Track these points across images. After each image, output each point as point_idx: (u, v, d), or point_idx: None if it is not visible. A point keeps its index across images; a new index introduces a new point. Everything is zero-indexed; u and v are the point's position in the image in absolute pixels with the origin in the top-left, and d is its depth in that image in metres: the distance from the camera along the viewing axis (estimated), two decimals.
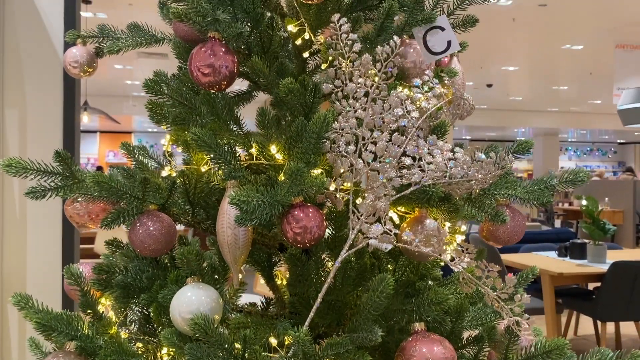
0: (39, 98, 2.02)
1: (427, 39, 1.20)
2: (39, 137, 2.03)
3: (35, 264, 2.09)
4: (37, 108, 2.04)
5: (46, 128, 2.01)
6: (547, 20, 9.43)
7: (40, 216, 2.09)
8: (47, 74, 2.03)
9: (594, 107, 18.60)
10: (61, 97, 2.02)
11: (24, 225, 2.06)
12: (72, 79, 2.06)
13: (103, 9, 8.85)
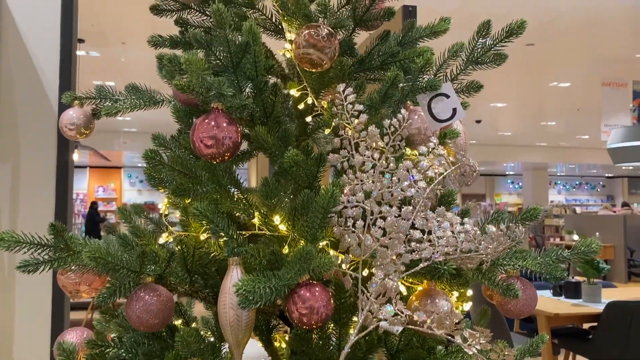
0: (32, 153, 1.98)
1: (432, 106, 1.19)
2: (32, 191, 1.98)
3: (23, 326, 2.01)
4: (30, 162, 2.00)
5: (39, 183, 1.97)
6: (534, 59, 9.61)
7: (30, 275, 2.02)
8: (42, 126, 1.99)
9: (582, 142, 18.84)
10: (55, 152, 1.98)
11: (12, 285, 1.99)
12: None
13: (96, 48, 8.91)
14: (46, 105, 1.93)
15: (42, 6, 2.00)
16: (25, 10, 2.01)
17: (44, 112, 1.92)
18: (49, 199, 1.91)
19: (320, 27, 1.09)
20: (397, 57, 1.32)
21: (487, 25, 1.26)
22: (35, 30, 2.00)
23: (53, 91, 1.95)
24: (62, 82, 1.91)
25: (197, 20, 1.41)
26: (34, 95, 1.95)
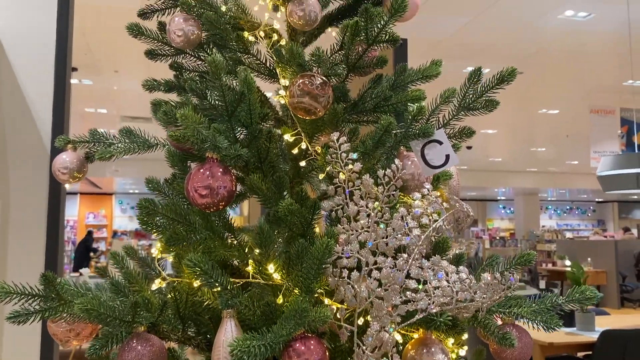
0: (23, 189, 1.97)
1: (425, 152, 1.20)
2: (22, 230, 1.96)
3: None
4: (21, 200, 1.99)
5: (30, 221, 1.95)
6: (523, 87, 9.75)
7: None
8: (33, 163, 1.98)
9: (571, 167, 19.01)
10: (46, 189, 1.97)
11: (0, 329, 1.95)
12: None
13: (89, 76, 8.93)
14: (39, 146, 1.92)
15: (35, 43, 2.01)
16: (19, 49, 2.03)
17: (35, 152, 1.92)
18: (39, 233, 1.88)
19: (314, 77, 1.11)
20: (389, 101, 1.33)
21: (478, 73, 1.28)
22: (27, 66, 2.00)
23: (46, 133, 1.94)
24: (55, 120, 1.91)
25: (191, 65, 1.43)
26: (26, 133, 1.95)
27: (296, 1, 1.27)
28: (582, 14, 6.69)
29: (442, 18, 6.71)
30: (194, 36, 1.31)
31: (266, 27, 1.36)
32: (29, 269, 1.92)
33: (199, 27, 1.32)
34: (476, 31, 7.18)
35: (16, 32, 2.05)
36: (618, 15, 6.59)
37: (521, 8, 6.47)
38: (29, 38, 2.04)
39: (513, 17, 6.76)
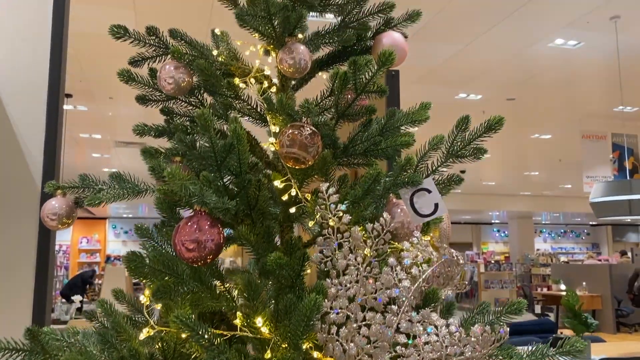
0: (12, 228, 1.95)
1: (414, 200, 1.20)
2: (10, 271, 1.94)
3: None
4: (9, 239, 1.97)
5: (18, 261, 1.92)
6: (515, 113, 9.85)
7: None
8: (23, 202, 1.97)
9: (565, 191, 19.10)
10: (36, 229, 1.95)
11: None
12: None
13: (84, 102, 8.96)
14: (29, 185, 1.92)
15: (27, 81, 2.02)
16: (10, 87, 2.03)
17: (25, 190, 1.91)
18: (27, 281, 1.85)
19: (304, 127, 1.12)
20: (379, 146, 1.34)
21: (466, 120, 1.29)
22: (19, 103, 2.01)
23: (37, 172, 1.94)
24: (46, 159, 1.91)
25: (182, 110, 1.43)
26: (15, 171, 1.94)
27: (286, 49, 1.29)
28: (572, 42, 6.80)
29: (434, 46, 6.81)
30: (185, 83, 1.32)
31: (257, 73, 1.37)
32: (17, 311, 1.90)
33: (189, 74, 1.33)
34: (468, 59, 7.28)
35: (8, 67, 2.06)
36: (607, 43, 6.70)
37: (512, 36, 6.57)
38: (21, 75, 2.05)
39: (504, 45, 6.87)
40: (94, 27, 6.16)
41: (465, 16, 6.02)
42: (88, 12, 5.67)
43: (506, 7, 5.82)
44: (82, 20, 5.51)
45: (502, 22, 6.18)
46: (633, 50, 6.93)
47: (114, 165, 13.80)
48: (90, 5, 5.59)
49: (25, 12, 2.17)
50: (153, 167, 1.14)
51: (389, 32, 1.44)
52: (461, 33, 6.50)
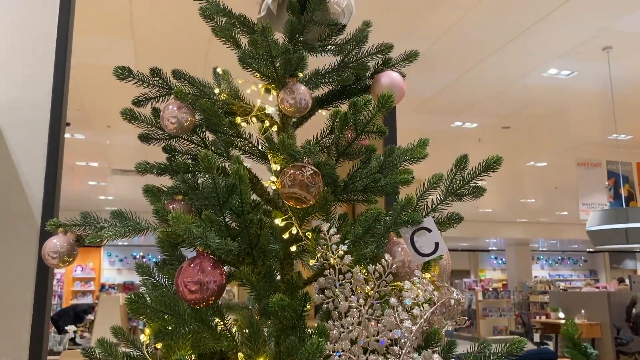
0: (10, 263, 1.94)
1: (414, 239, 1.21)
2: (7, 306, 1.92)
3: None
4: (7, 271, 1.96)
5: (15, 296, 1.91)
6: (510, 141, 9.93)
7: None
8: (22, 236, 1.97)
9: (561, 218, 19.13)
10: (35, 261, 1.94)
11: None
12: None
13: (81, 131, 9.00)
14: (28, 219, 1.92)
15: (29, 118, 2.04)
16: (12, 122, 2.05)
17: (24, 224, 1.91)
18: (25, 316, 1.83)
19: (305, 167, 1.13)
20: (379, 183, 1.35)
21: (464, 160, 1.31)
22: (20, 139, 2.03)
23: (37, 206, 1.94)
24: (46, 193, 1.91)
25: (184, 148, 1.45)
26: (15, 205, 1.94)
27: (287, 89, 1.31)
28: (565, 72, 6.91)
29: (430, 75, 6.90)
30: (188, 123, 1.33)
31: (258, 112, 1.39)
32: (14, 349, 1.88)
33: (192, 114, 1.35)
34: (463, 88, 7.37)
35: (11, 102, 2.08)
36: (600, 73, 6.81)
37: (506, 66, 6.67)
38: (24, 110, 2.07)
39: (498, 75, 6.96)
40: (93, 57, 6.24)
41: (459, 47, 6.12)
42: (87, 42, 5.74)
43: (500, 38, 5.92)
44: (81, 50, 5.57)
45: (496, 53, 6.28)
46: (625, 79, 7.04)
47: (110, 193, 13.78)
48: (89, 35, 5.66)
49: (29, 47, 2.20)
50: (157, 210, 1.15)
51: (388, 71, 1.47)
52: (456, 63, 6.59)
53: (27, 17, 2.22)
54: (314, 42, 1.42)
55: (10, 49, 2.19)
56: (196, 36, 5.55)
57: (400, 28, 5.63)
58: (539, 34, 5.80)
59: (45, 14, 2.22)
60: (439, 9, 5.27)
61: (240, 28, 1.46)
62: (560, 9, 5.24)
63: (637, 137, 9.68)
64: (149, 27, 5.59)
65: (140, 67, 3.61)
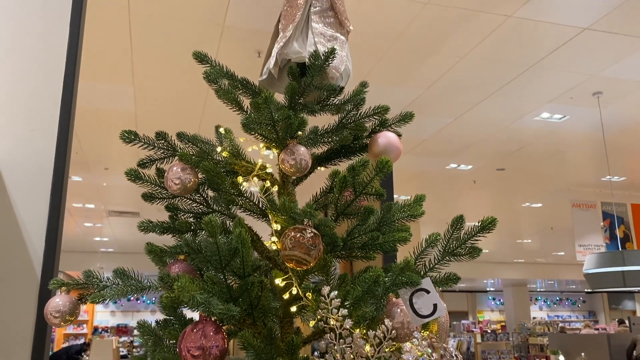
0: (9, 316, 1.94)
1: (413, 300, 1.23)
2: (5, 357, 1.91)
3: None
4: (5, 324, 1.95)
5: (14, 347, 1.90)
6: (505, 182, 10.01)
7: None
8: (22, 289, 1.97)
9: (558, 258, 19.09)
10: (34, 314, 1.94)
11: None
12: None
13: (79, 173, 9.04)
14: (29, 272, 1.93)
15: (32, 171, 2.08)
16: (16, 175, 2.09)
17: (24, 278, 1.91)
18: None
19: (305, 230, 1.16)
20: (377, 241, 1.38)
21: (460, 220, 1.35)
22: (23, 192, 2.06)
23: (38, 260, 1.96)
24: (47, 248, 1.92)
25: (186, 206, 1.48)
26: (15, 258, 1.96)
27: (288, 150, 1.35)
28: (557, 115, 7.03)
29: (425, 119, 7.01)
30: (191, 184, 1.37)
31: (259, 171, 1.43)
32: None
33: (195, 174, 1.39)
34: (457, 131, 7.48)
35: (15, 155, 2.12)
36: (591, 117, 6.94)
37: (499, 110, 6.80)
38: (27, 163, 2.11)
39: (492, 119, 7.08)
40: (93, 101, 6.33)
41: (452, 92, 6.25)
42: (88, 87, 5.83)
43: (492, 84, 6.06)
44: (81, 94, 5.67)
45: (489, 98, 6.41)
46: (616, 123, 7.17)
47: (105, 234, 13.72)
48: (90, 81, 5.77)
49: (35, 100, 2.26)
50: (162, 277, 1.17)
51: (384, 132, 1.53)
52: (450, 107, 6.72)
53: (34, 67, 2.28)
54: (313, 105, 1.47)
55: (15, 100, 2.24)
56: (195, 82, 5.65)
57: (395, 75, 5.77)
58: (530, 80, 5.94)
59: (52, 65, 2.28)
60: (431, 57, 5.41)
61: (243, 90, 1.51)
62: (550, 56, 5.39)
63: (630, 178, 9.78)
64: (149, 74, 5.70)
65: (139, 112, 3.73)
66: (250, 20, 4.69)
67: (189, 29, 4.83)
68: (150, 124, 7.01)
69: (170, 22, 4.71)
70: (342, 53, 1.56)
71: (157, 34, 4.90)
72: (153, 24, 4.75)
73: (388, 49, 5.19)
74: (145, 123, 6.99)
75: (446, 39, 5.04)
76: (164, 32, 4.86)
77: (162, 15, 4.61)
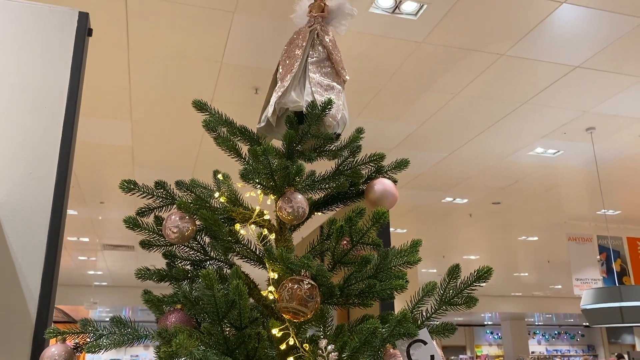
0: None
1: (410, 352, 1.23)
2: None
3: None
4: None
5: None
6: (501, 216, 10.03)
7: None
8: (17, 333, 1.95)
9: (555, 291, 18.98)
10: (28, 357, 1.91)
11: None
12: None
13: (75, 207, 9.01)
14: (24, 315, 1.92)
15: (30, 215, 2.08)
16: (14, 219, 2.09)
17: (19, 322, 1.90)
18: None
19: (303, 281, 1.17)
20: (374, 289, 1.39)
21: (457, 269, 1.36)
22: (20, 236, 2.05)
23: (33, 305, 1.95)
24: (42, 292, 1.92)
25: (184, 254, 1.49)
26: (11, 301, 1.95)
27: (285, 198, 1.37)
28: (551, 150, 7.11)
29: (420, 153, 7.07)
30: (189, 232, 1.38)
31: (257, 219, 1.44)
32: None
33: (193, 223, 1.40)
34: (452, 166, 7.53)
35: (14, 199, 2.12)
36: (585, 152, 7.01)
37: (494, 145, 6.86)
38: (25, 207, 2.11)
39: (487, 153, 7.15)
40: (90, 136, 6.37)
41: (447, 127, 6.32)
42: (85, 122, 5.87)
43: (486, 120, 6.14)
44: (78, 129, 5.72)
45: (483, 133, 6.49)
46: (609, 158, 7.25)
47: (99, 267, 13.60)
48: (88, 117, 5.81)
49: (34, 143, 2.27)
50: (160, 332, 1.17)
51: (380, 179, 1.55)
52: (445, 142, 6.78)
53: (34, 110, 2.30)
54: (311, 153, 1.50)
55: (14, 143, 2.25)
56: (192, 117, 5.71)
57: (390, 111, 5.84)
58: (524, 116, 6.03)
59: (52, 107, 2.30)
60: (425, 94, 5.49)
61: (241, 137, 1.54)
62: (542, 93, 5.48)
63: (625, 212, 9.82)
64: (147, 109, 5.75)
65: (136, 146, 3.75)
66: (247, 58, 4.77)
67: (187, 66, 4.91)
68: (147, 159, 7.05)
69: (169, 60, 4.78)
70: (339, 102, 1.59)
71: (156, 71, 4.97)
72: (151, 61, 4.82)
73: (383, 86, 5.28)
74: (142, 158, 7.02)
75: (440, 76, 5.13)
76: (162, 69, 4.93)
77: (161, 53, 4.69)
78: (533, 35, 4.47)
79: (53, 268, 2.00)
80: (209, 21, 4.26)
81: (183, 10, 4.12)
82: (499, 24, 4.33)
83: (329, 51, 1.66)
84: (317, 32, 1.69)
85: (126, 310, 18.64)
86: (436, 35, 4.45)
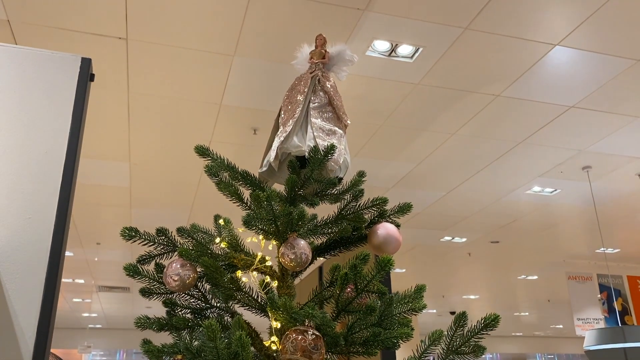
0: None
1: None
2: None
3: None
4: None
5: None
6: (500, 255, 9.97)
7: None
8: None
9: (557, 331, 18.71)
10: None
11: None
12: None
13: (71, 248, 8.93)
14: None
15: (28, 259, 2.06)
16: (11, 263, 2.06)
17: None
18: None
19: (307, 332, 1.14)
20: (379, 337, 1.36)
21: (463, 317, 1.33)
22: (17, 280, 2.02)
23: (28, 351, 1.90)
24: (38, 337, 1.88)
25: (184, 302, 1.46)
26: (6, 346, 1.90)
27: (288, 244, 1.36)
28: (548, 189, 7.12)
29: (418, 193, 7.07)
30: (190, 280, 1.36)
31: (259, 265, 1.43)
32: None
33: (194, 270, 1.38)
34: (450, 204, 7.53)
35: (11, 246, 2.10)
36: (582, 190, 7.03)
37: (490, 185, 6.88)
38: (22, 254, 2.09)
39: (484, 192, 7.15)
40: (88, 178, 6.37)
41: (444, 167, 6.34)
42: (83, 164, 5.88)
43: (483, 159, 6.17)
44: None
45: (480, 172, 6.51)
46: (607, 196, 7.26)
47: (94, 310, 13.39)
48: (85, 158, 5.82)
49: (33, 188, 2.26)
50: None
51: (383, 223, 1.54)
52: (442, 182, 6.80)
53: (34, 161, 2.30)
54: (313, 197, 1.49)
55: (13, 189, 2.24)
56: (190, 158, 5.72)
57: (387, 151, 5.88)
58: (520, 155, 6.06)
59: (52, 153, 2.30)
60: (422, 134, 5.53)
61: (243, 182, 1.53)
62: (538, 133, 5.53)
63: (624, 250, 9.78)
64: (145, 150, 5.77)
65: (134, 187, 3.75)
66: (246, 99, 4.82)
67: (186, 108, 4.95)
68: (144, 200, 7.03)
69: (168, 102, 4.83)
70: (341, 146, 1.60)
71: (155, 113, 5.00)
72: (151, 104, 4.86)
73: (380, 126, 5.32)
74: (139, 198, 7.00)
75: (436, 117, 5.18)
76: (161, 111, 4.97)
77: (160, 95, 4.73)
78: (527, 76, 4.54)
79: (49, 315, 1.96)
80: (209, 64, 4.32)
81: (183, 54, 4.18)
82: (494, 66, 4.40)
83: (331, 97, 1.68)
84: (319, 78, 1.71)
85: (120, 353, 18.25)
86: (432, 77, 4.52)
